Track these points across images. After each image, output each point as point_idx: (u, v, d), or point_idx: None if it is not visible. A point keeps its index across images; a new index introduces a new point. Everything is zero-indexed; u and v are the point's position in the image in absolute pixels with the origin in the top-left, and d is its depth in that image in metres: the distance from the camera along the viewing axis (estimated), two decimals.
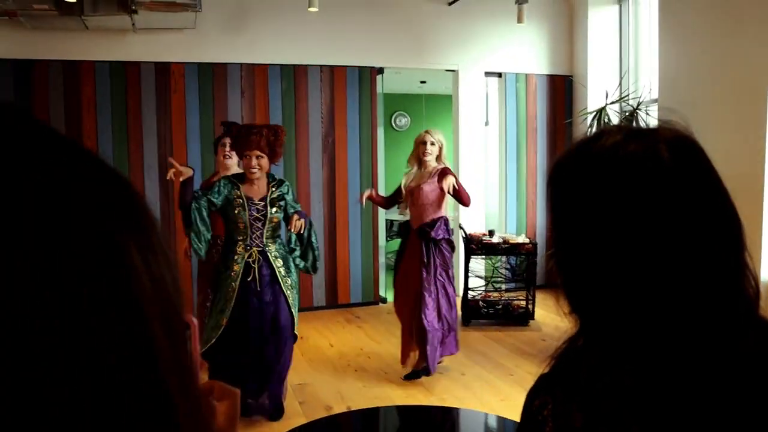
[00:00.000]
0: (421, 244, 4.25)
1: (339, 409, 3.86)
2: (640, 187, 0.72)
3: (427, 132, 4.38)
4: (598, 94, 6.26)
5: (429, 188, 4.28)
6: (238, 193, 3.58)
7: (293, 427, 3.45)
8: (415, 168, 4.40)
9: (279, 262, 3.64)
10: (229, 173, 3.97)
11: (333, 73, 6.27)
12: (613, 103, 5.85)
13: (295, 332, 3.70)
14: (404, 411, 3.70)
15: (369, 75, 6.37)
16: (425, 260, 4.21)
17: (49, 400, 0.34)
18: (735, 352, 0.72)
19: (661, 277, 0.72)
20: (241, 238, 3.59)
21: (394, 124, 10.28)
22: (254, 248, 3.58)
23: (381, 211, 6.32)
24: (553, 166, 0.82)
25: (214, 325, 3.51)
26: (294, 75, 6.17)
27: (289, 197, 3.70)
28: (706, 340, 0.72)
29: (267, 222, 3.61)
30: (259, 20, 6.02)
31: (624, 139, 0.76)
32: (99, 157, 0.42)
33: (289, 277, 3.66)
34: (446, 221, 4.33)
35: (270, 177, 3.71)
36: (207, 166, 5.91)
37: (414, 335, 4.31)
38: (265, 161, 3.59)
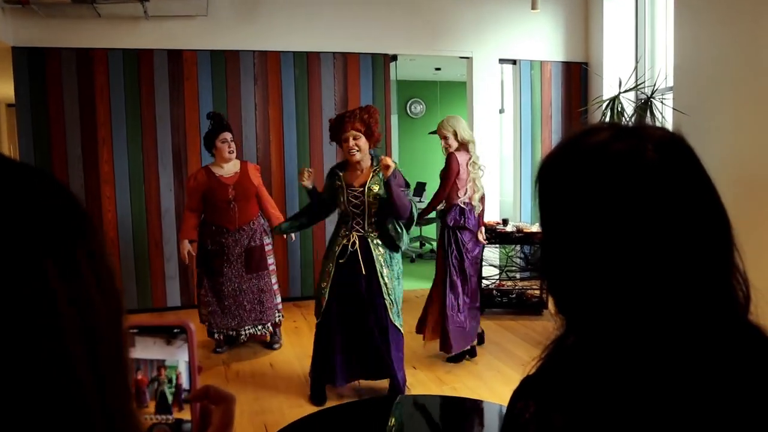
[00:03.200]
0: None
1: (350, 397, 3.86)
2: (624, 186, 0.71)
3: (439, 125, 4.42)
4: (614, 82, 6.17)
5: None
6: (339, 181, 3.70)
7: (304, 415, 3.46)
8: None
9: (379, 250, 3.66)
10: (227, 165, 4.56)
11: (346, 60, 6.24)
12: (627, 91, 5.76)
13: (395, 324, 3.66)
14: (415, 401, 3.70)
15: (382, 62, 6.33)
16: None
17: None
18: (720, 357, 0.70)
19: (647, 278, 0.70)
20: (344, 222, 3.72)
21: (409, 111, 10.23)
22: (354, 233, 3.66)
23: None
24: (541, 163, 0.81)
25: (318, 303, 3.72)
26: (307, 62, 6.14)
27: (393, 181, 3.59)
28: (692, 343, 0.70)
29: (366, 208, 3.64)
30: (271, 7, 5.99)
31: (610, 137, 0.75)
32: (21, 169, 0.40)
33: (387, 267, 3.66)
34: None
35: (374, 161, 3.71)
36: None
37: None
38: (363, 141, 3.62)
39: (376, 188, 3.63)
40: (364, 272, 3.62)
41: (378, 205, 3.64)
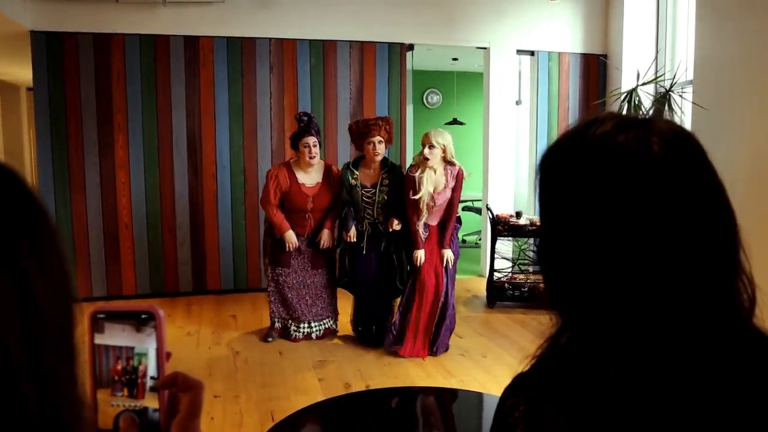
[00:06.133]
0: (439, 236, 4.41)
1: (358, 387, 3.87)
2: (627, 180, 0.69)
3: (427, 136, 4.25)
4: (633, 75, 6.08)
5: (446, 195, 4.36)
6: (354, 181, 4.46)
7: (311, 403, 3.47)
8: (423, 170, 4.24)
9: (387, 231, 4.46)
10: (311, 169, 4.56)
11: (362, 49, 6.20)
12: (645, 84, 5.67)
13: (398, 285, 4.52)
14: (422, 392, 3.70)
15: (399, 51, 6.29)
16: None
17: None
18: (720, 360, 0.68)
19: (647, 276, 0.68)
20: (358, 211, 4.49)
21: (425, 102, 10.18)
22: (366, 221, 4.48)
23: None
24: (543, 152, 0.78)
25: (348, 279, 4.64)
26: (323, 50, 6.12)
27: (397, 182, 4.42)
28: (691, 344, 0.68)
29: (376, 203, 4.44)
30: None
31: (614, 128, 0.72)
32: None
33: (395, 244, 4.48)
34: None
35: (383, 163, 4.47)
36: (235, 140, 5.94)
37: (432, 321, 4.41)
38: (383, 146, 4.39)
39: (385, 192, 4.42)
40: (377, 250, 4.47)
41: (385, 200, 4.46)
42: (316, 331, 4.73)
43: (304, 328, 4.70)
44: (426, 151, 4.20)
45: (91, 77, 5.64)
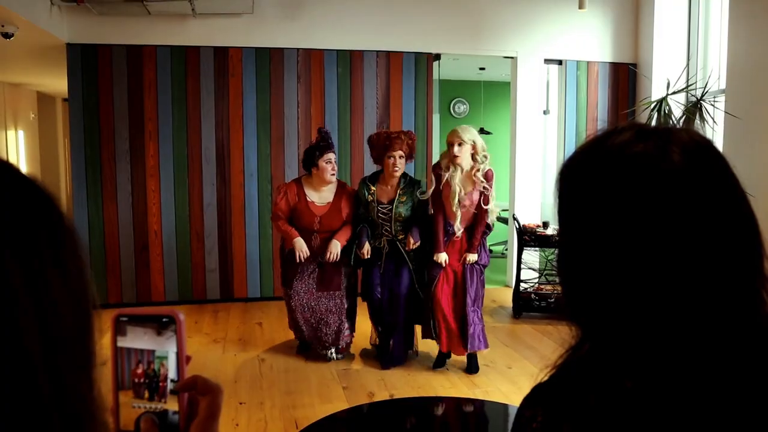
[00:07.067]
0: (467, 242, 4.26)
1: (381, 396, 3.87)
2: (646, 189, 0.68)
3: (454, 133, 4.10)
4: (663, 83, 6.00)
5: (476, 196, 4.18)
6: (371, 196, 4.27)
7: (335, 411, 3.48)
8: (452, 169, 4.10)
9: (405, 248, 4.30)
10: (325, 186, 4.33)
11: (389, 59, 6.23)
12: (675, 92, 5.59)
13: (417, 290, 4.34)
14: (446, 403, 3.68)
15: (426, 61, 6.30)
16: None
17: None
18: (742, 374, 0.67)
19: (668, 286, 0.67)
20: (375, 228, 4.31)
21: (452, 111, 10.19)
22: (384, 237, 4.28)
23: None
24: (563, 163, 0.78)
25: (365, 295, 4.43)
26: (350, 60, 6.16)
27: (417, 197, 4.24)
28: (712, 357, 0.67)
29: (393, 220, 4.24)
30: (315, 5, 6.03)
31: (633, 137, 0.71)
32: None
33: (414, 261, 4.28)
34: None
35: (401, 180, 4.25)
36: (262, 149, 6.00)
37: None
38: (403, 161, 4.20)
39: (401, 208, 4.21)
40: (395, 266, 4.25)
41: (402, 217, 4.24)
42: (331, 355, 4.48)
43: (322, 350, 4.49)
44: (456, 149, 4.03)
45: (124, 88, 5.77)
